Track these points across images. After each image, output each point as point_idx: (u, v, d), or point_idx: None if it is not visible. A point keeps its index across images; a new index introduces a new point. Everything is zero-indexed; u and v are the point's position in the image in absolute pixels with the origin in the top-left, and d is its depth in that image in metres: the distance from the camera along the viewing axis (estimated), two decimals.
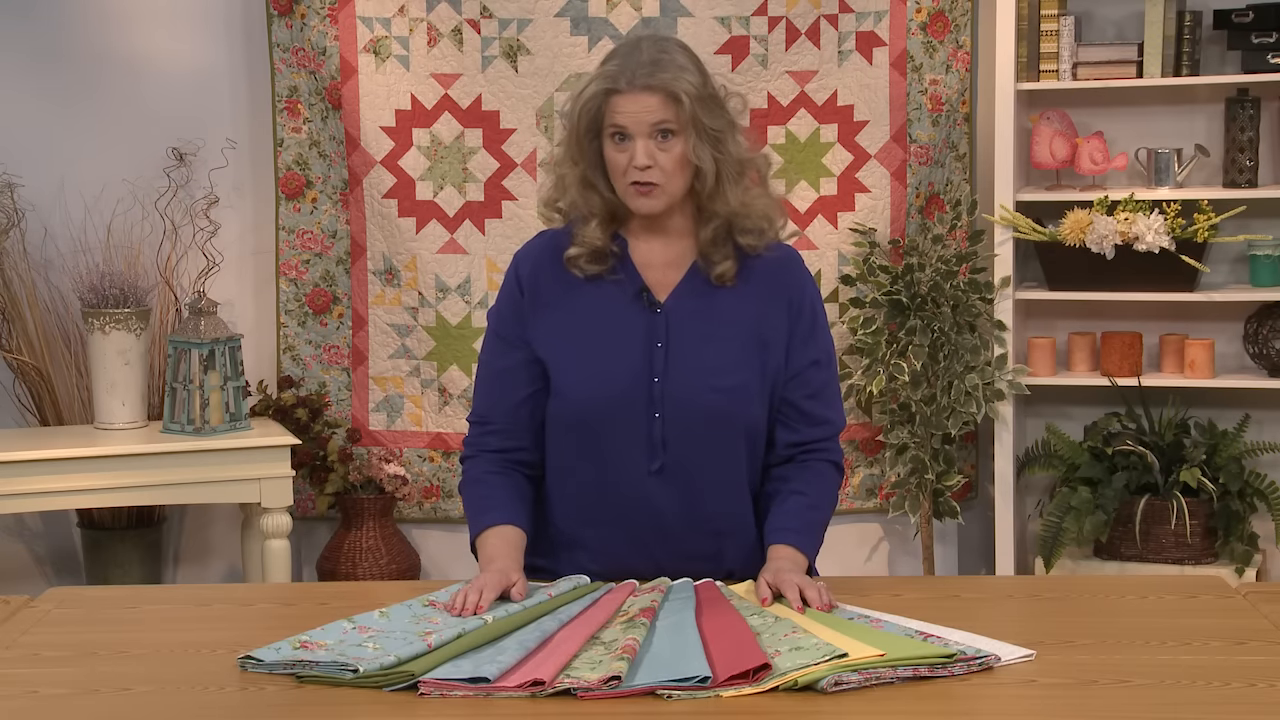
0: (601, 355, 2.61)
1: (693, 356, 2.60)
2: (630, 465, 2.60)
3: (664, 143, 2.56)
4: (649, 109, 2.54)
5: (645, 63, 2.55)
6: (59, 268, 4.79)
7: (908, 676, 2.13)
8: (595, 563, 2.60)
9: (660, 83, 2.54)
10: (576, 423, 2.61)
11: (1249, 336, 4.59)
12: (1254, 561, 4.50)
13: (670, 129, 2.55)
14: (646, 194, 2.57)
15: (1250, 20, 4.45)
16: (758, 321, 2.63)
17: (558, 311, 2.64)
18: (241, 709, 2.08)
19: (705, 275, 2.64)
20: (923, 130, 4.71)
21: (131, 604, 2.61)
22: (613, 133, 2.56)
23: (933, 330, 4.55)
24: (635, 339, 2.61)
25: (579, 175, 2.62)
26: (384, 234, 4.82)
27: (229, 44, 4.90)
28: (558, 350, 2.63)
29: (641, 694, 2.07)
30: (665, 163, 2.56)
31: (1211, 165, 4.64)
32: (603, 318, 2.63)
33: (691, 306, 2.63)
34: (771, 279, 2.66)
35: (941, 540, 4.89)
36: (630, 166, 2.55)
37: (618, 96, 2.55)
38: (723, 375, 2.60)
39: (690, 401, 2.59)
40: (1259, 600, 2.48)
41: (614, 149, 2.57)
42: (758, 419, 2.63)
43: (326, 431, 4.83)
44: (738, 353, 2.61)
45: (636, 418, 2.59)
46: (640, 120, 2.54)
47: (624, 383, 2.59)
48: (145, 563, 4.77)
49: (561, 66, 4.72)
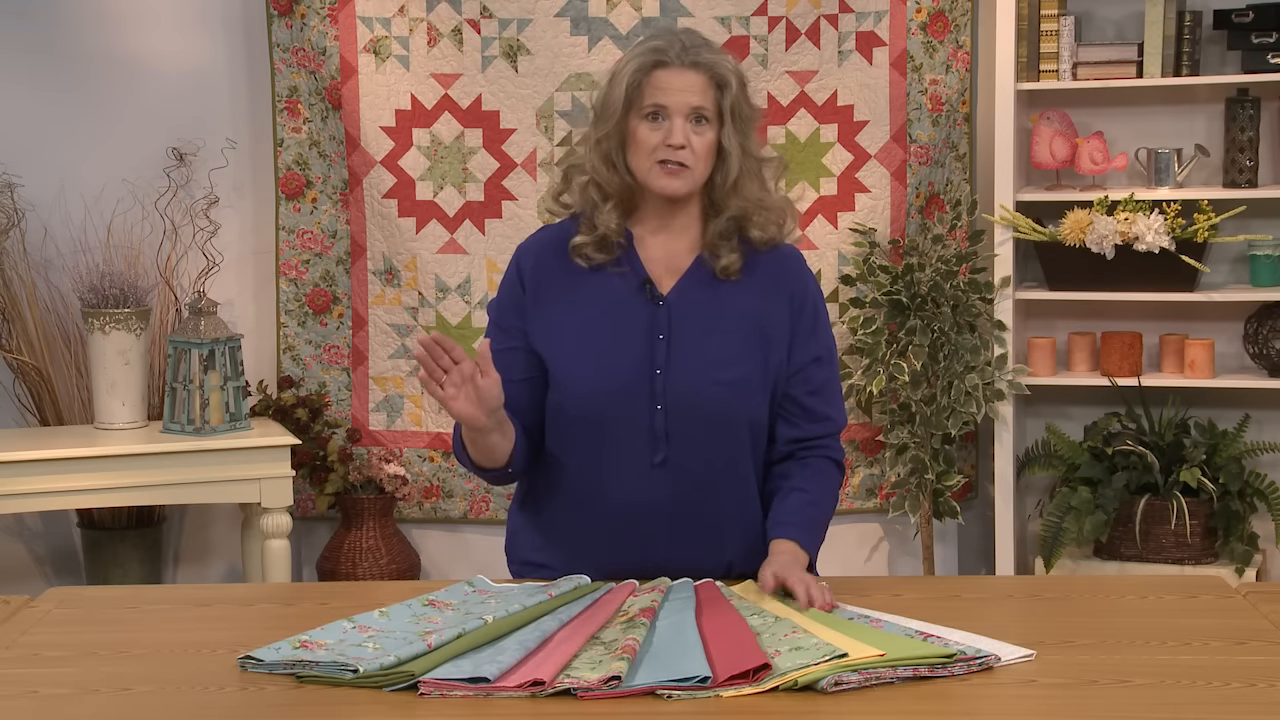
0: (603, 347, 2.61)
1: (695, 349, 2.61)
2: (632, 458, 2.60)
3: (698, 128, 2.59)
4: (693, 88, 2.57)
5: (693, 44, 2.60)
6: (59, 268, 4.79)
7: (908, 676, 2.13)
8: (597, 556, 2.60)
9: (707, 62, 2.59)
10: (578, 415, 2.61)
11: (1249, 336, 4.59)
12: (1254, 561, 4.50)
13: (706, 115, 2.58)
14: (674, 174, 2.59)
15: (1250, 20, 4.45)
16: (760, 315, 2.64)
17: (560, 304, 2.65)
18: (241, 709, 2.08)
19: (710, 268, 2.65)
20: (923, 130, 4.71)
21: (131, 604, 2.61)
22: (650, 111, 2.58)
23: (933, 330, 4.55)
24: (637, 331, 2.61)
25: (603, 154, 2.63)
26: (384, 234, 4.82)
27: (229, 44, 4.90)
28: (559, 342, 2.63)
29: (641, 694, 2.07)
30: (698, 146, 2.59)
31: (1211, 165, 4.64)
32: (605, 310, 2.63)
33: (694, 299, 2.63)
34: (774, 274, 2.67)
35: (941, 540, 4.89)
36: (662, 145, 2.57)
37: (662, 71, 2.57)
38: (725, 368, 2.61)
39: (692, 394, 2.59)
40: (1259, 600, 2.48)
41: (647, 126, 2.58)
42: (759, 412, 2.64)
43: (326, 431, 4.83)
44: (740, 346, 2.62)
45: (638, 410, 2.59)
46: (682, 99, 2.57)
47: (626, 375, 2.60)
48: (145, 563, 4.77)
49: (561, 66, 4.72)
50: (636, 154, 2.60)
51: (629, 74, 2.59)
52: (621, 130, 2.61)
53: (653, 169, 2.59)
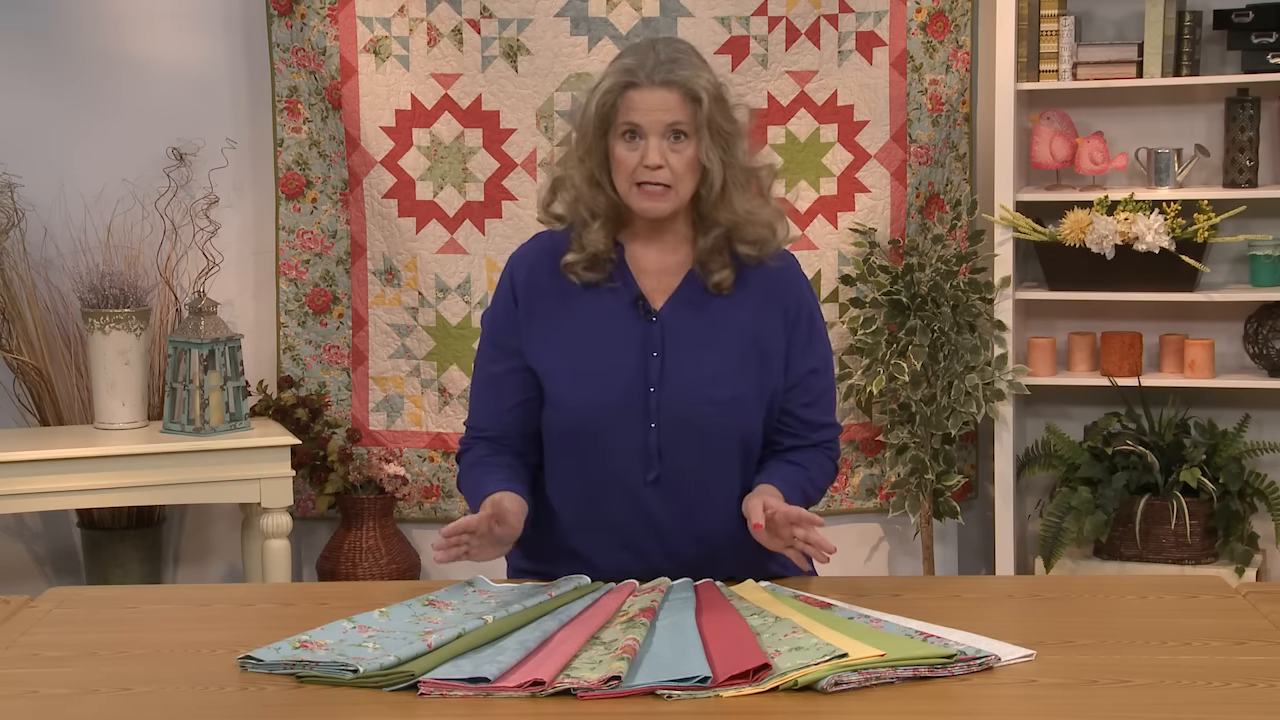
0: (597, 364, 2.59)
1: (689, 366, 2.59)
2: (626, 475, 2.59)
3: (676, 144, 2.54)
4: (665, 106, 2.52)
5: (664, 60, 2.54)
6: (59, 268, 4.79)
7: (908, 676, 2.13)
8: (592, 571, 2.59)
9: (679, 79, 2.53)
10: (572, 432, 2.60)
11: (1249, 336, 4.59)
12: (1254, 561, 4.50)
13: (683, 130, 2.54)
14: (655, 196, 2.55)
15: (1250, 20, 4.45)
16: (755, 330, 2.62)
17: (552, 320, 2.63)
18: (241, 709, 2.08)
19: (702, 283, 2.62)
20: (923, 130, 4.71)
21: (131, 604, 2.60)
22: (625, 131, 2.54)
23: (933, 330, 4.55)
24: (630, 348, 2.59)
25: (586, 173, 2.59)
26: (384, 234, 4.82)
27: (229, 44, 4.90)
28: (552, 359, 2.61)
29: (641, 694, 2.07)
30: (676, 164, 2.54)
31: (1211, 165, 4.64)
32: (598, 326, 2.61)
33: (687, 315, 2.61)
34: (768, 288, 2.64)
35: (941, 540, 4.89)
36: (640, 166, 2.53)
37: (634, 92, 2.53)
38: (719, 386, 2.59)
39: (686, 412, 2.58)
40: (1259, 600, 2.48)
41: (624, 147, 2.55)
42: (753, 429, 2.62)
43: (326, 431, 4.83)
44: (735, 362, 2.60)
45: (632, 427, 2.58)
46: (655, 119, 2.52)
47: (619, 392, 2.58)
48: (145, 563, 4.77)
49: (561, 66, 4.72)
50: (618, 174, 2.57)
51: (600, 95, 2.55)
52: (601, 150, 2.58)
53: (632, 190, 2.56)
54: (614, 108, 2.54)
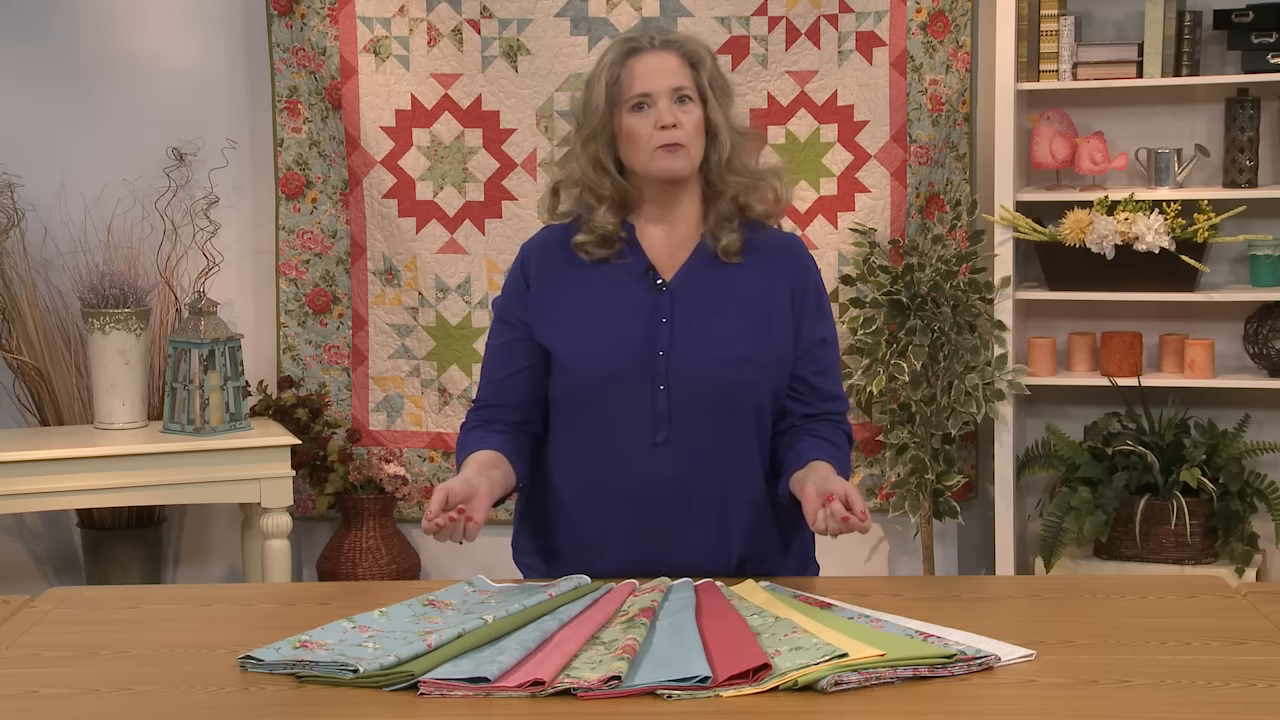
0: (606, 330, 2.64)
1: (697, 331, 2.63)
2: (635, 438, 2.62)
3: (683, 107, 2.63)
4: (670, 69, 2.62)
5: (662, 29, 2.69)
6: (59, 268, 4.79)
7: (908, 676, 2.13)
8: (603, 543, 2.61)
9: (678, 41, 2.66)
10: (581, 396, 2.64)
11: (1249, 336, 4.58)
12: (1254, 561, 4.50)
13: (689, 94, 2.63)
14: (675, 153, 2.62)
15: (1250, 20, 4.45)
16: (763, 297, 2.67)
17: (564, 294, 2.68)
18: (241, 709, 2.08)
19: (711, 251, 2.68)
20: (923, 130, 4.71)
21: (131, 604, 2.60)
22: (635, 103, 2.62)
23: (933, 330, 4.55)
24: (640, 315, 2.64)
25: (591, 157, 2.66)
26: (384, 234, 4.83)
27: (229, 44, 4.90)
28: (562, 328, 2.66)
29: (641, 694, 2.07)
30: (687, 124, 2.63)
31: (1211, 165, 4.64)
32: (608, 295, 2.66)
33: (697, 283, 2.67)
34: (776, 259, 2.71)
35: (941, 540, 4.89)
36: (655, 130, 2.61)
37: (638, 59, 2.63)
38: (727, 348, 2.63)
39: (694, 374, 2.61)
40: (1259, 600, 2.48)
41: (636, 119, 2.63)
42: (762, 391, 2.65)
43: (326, 431, 4.83)
44: (742, 326, 2.65)
45: (641, 391, 2.61)
46: (662, 81, 2.62)
47: (629, 357, 2.62)
48: (145, 563, 4.77)
49: (561, 66, 4.72)
50: (632, 148, 2.64)
51: (606, 69, 2.65)
52: (609, 129, 2.65)
53: (653, 155, 2.62)
54: (620, 81, 2.63)
